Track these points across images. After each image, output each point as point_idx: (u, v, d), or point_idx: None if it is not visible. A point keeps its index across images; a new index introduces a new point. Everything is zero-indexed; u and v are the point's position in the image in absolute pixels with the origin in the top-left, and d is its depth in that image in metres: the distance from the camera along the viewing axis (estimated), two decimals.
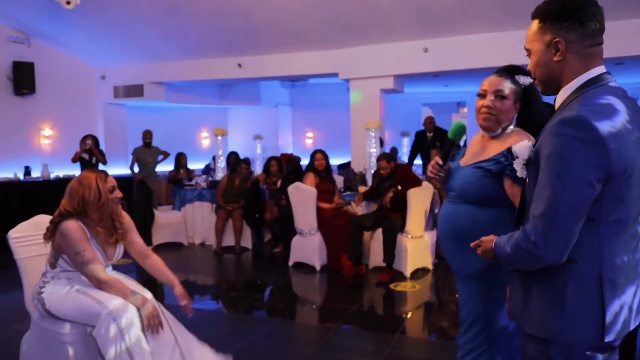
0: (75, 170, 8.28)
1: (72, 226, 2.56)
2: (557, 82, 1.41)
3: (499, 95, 1.98)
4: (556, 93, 1.44)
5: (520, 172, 1.62)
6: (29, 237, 2.91)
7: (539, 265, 1.35)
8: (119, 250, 2.81)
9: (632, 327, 1.37)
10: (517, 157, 1.64)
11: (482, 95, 2.03)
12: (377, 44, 7.97)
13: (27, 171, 8.65)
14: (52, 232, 2.62)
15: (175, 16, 7.69)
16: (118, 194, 2.71)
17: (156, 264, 2.92)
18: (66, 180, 8.55)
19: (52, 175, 8.80)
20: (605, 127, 1.25)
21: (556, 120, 1.30)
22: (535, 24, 1.42)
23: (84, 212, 2.61)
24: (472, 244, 1.61)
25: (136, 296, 2.57)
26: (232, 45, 8.52)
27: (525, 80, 2.03)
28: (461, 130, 2.03)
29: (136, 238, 2.89)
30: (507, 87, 1.99)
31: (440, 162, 2.07)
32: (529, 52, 1.46)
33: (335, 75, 8.48)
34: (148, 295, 2.68)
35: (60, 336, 2.65)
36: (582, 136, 1.24)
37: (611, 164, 1.24)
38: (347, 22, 7.41)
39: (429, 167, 2.10)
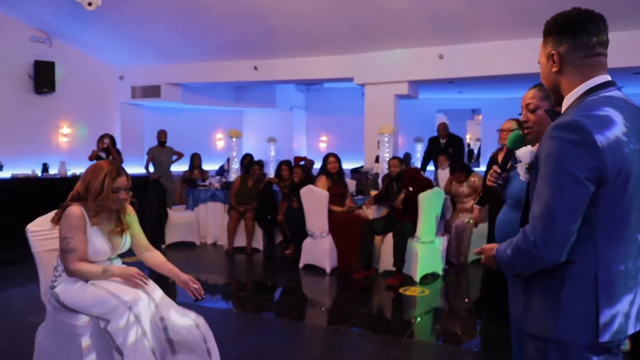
0: None
1: (73, 211, 2.64)
2: (560, 91, 1.50)
3: (529, 108, 2.01)
4: (561, 103, 1.51)
5: (524, 175, 1.66)
6: (46, 231, 2.99)
7: (539, 265, 1.39)
8: (126, 240, 2.86)
9: (630, 332, 1.40)
10: (521, 162, 1.68)
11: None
12: (392, 49, 8.01)
13: (45, 168, 8.82)
14: (59, 216, 2.71)
15: (193, 18, 7.80)
16: (122, 195, 2.73)
17: (158, 257, 2.99)
18: None
19: (69, 173, 8.96)
20: (599, 129, 1.31)
21: (552, 125, 1.37)
22: (542, 41, 1.53)
23: (86, 198, 2.69)
24: (474, 251, 1.67)
25: (108, 271, 2.66)
26: (249, 48, 8.62)
27: None
28: (519, 139, 2.03)
29: (138, 231, 2.96)
30: (534, 97, 2.01)
31: (499, 170, 2.10)
32: (540, 66, 1.57)
33: (351, 79, 8.53)
34: (153, 288, 2.75)
35: (74, 328, 2.72)
36: (576, 139, 1.30)
37: (604, 165, 1.30)
38: (363, 28, 7.46)
39: (489, 176, 2.13)
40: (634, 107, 1.43)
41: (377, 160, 7.95)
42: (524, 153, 1.64)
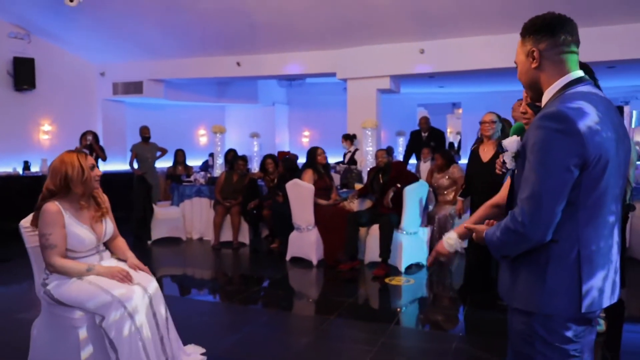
0: None
1: (49, 208, 2.67)
2: (539, 86, 1.63)
3: (528, 101, 2.12)
4: (540, 99, 1.64)
5: (510, 163, 1.76)
6: None
7: (526, 245, 1.51)
8: (107, 226, 2.91)
9: (604, 304, 1.54)
10: (507, 151, 1.77)
11: None
12: (374, 44, 8.11)
13: (26, 166, 8.74)
14: (36, 217, 2.74)
15: (176, 14, 7.80)
16: (97, 172, 2.82)
17: (119, 244, 3.05)
18: None
19: None
20: (581, 118, 1.43)
21: (539, 116, 1.49)
22: (519, 41, 1.66)
23: (66, 188, 2.71)
24: (465, 225, 1.83)
25: (93, 269, 2.71)
26: (231, 43, 8.64)
27: None
28: (521, 130, 2.11)
29: (110, 218, 3.00)
30: None
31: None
32: (517, 65, 1.69)
33: (333, 74, 8.62)
34: (148, 281, 2.83)
35: (71, 321, 2.76)
36: (561, 128, 1.42)
37: (586, 151, 1.42)
38: (345, 23, 7.55)
39: (497, 165, 2.15)
40: (605, 100, 1.56)
41: (348, 159, 8.10)
42: (511, 142, 1.74)
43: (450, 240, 1.97)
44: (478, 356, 3.34)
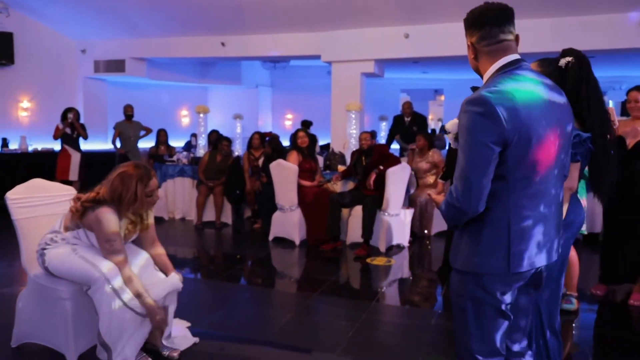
0: (55, 144, 8.27)
1: (108, 215, 2.66)
2: (480, 73, 1.80)
3: None
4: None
5: (454, 144, 1.91)
6: (25, 199, 3.03)
7: (464, 217, 1.68)
8: (136, 234, 2.96)
9: (538, 264, 1.71)
10: (449, 132, 1.93)
11: None
12: (360, 28, 8.13)
13: (5, 143, 8.62)
14: (82, 212, 2.71)
15: None
16: (156, 197, 2.82)
17: (159, 251, 3.07)
18: (45, 153, 8.61)
19: (30, 148, 8.77)
20: (500, 101, 1.58)
21: (465, 101, 1.64)
22: None
23: (118, 205, 2.72)
24: (432, 196, 2.00)
25: (145, 298, 2.69)
26: (216, 23, 8.57)
27: (563, 61, 2.24)
28: None
29: (151, 225, 3.02)
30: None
31: None
32: None
33: (318, 57, 8.63)
34: (174, 278, 2.94)
35: (58, 292, 2.79)
36: (482, 111, 1.58)
37: (505, 131, 1.57)
38: (331, 6, 7.55)
39: None
40: (535, 80, 1.69)
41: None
42: (452, 125, 1.89)
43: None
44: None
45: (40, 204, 3.09)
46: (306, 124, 9.13)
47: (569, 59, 2.23)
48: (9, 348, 2.99)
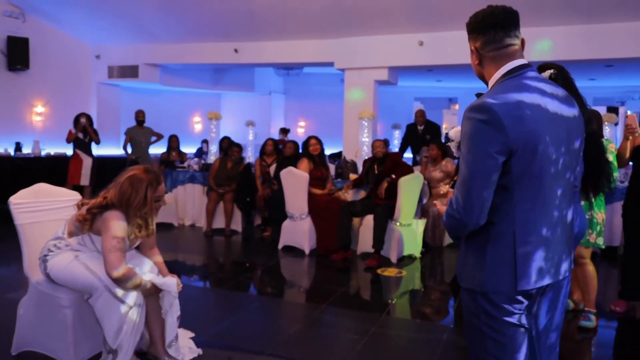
0: (67, 149, 8.29)
1: (117, 216, 2.62)
2: (485, 80, 1.72)
3: None
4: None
5: (456, 152, 1.85)
6: (29, 204, 2.98)
7: (464, 229, 1.59)
8: (139, 241, 2.90)
9: (545, 283, 1.60)
10: (452, 140, 1.86)
11: None
12: (373, 35, 8.07)
13: (18, 147, 8.66)
14: (91, 221, 2.66)
15: None
16: (163, 202, 2.81)
17: (156, 257, 3.01)
18: (57, 157, 8.63)
19: (43, 152, 8.81)
20: (504, 109, 1.50)
21: (467, 108, 1.56)
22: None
23: (126, 208, 2.67)
24: (435, 203, 1.97)
25: (147, 285, 2.67)
26: (230, 30, 8.56)
27: (547, 73, 2.16)
28: None
29: (152, 231, 2.96)
30: None
31: None
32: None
33: (331, 64, 8.57)
34: (171, 279, 2.82)
35: (59, 300, 2.74)
36: (485, 118, 1.50)
37: (509, 140, 1.49)
38: (345, 12, 7.49)
39: None
40: (543, 90, 1.59)
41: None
42: (455, 132, 1.83)
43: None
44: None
45: (45, 209, 3.04)
46: (284, 132, 9.13)
47: (551, 70, 2.16)
48: (9, 355, 2.93)
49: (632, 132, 3.56)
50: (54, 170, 7.96)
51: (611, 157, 3.42)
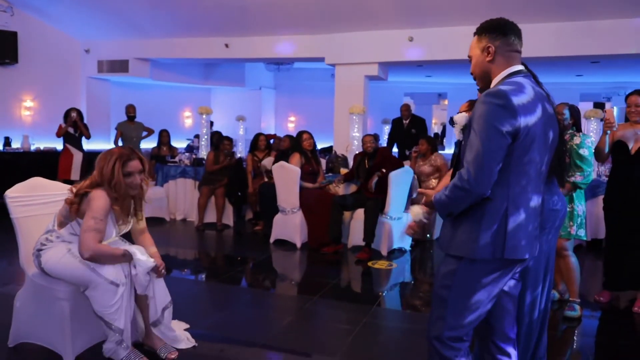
0: (57, 143, 8.26)
1: (101, 194, 2.65)
2: (489, 76, 1.97)
3: None
4: (489, 87, 1.94)
5: (458, 135, 2.07)
6: (25, 197, 3.01)
7: (470, 199, 1.81)
8: (128, 226, 2.95)
9: (524, 255, 1.85)
10: (457, 124, 2.07)
11: None
12: (364, 30, 8.11)
13: (7, 142, 8.61)
14: (78, 204, 2.69)
15: None
16: (136, 179, 2.74)
17: (146, 241, 3.03)
18: (47, 152, 8.60)
19: (33, 147, 8.77)
20: (516, 98, 1.77)
21: (484, 94, 1.83)
22: (475, 38, 2.00)
23: (102, 182, 2.69)
24: (419, 190, 2.27)
25: (128, 255, 2.71)
26: (220, 24, 8.56)
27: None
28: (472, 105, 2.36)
29: (141, 216, 3.00)
30: None
31: None
32: (470, 58, 2.03)
33: (322, 59, 8.60)
34: (147, 258, 2.82)
35: (55, 292, 2.77)
36: (500, 103, 1.76)
37: (518, 123, 1.76)
38: (335, 8, 7.53)
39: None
40: (536, 90, 1.88)
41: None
42: (460, 118, 2.05)
43: (414, 211, 2.18)
44: None
45: (40, 202, 3.06)
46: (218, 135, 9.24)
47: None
48: (6, 348, 2.96)
49: (610, 126, 3.68)
50: (44, 165, 7.92)
51: (587, 152, 3.51)
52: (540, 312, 2.55)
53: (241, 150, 9.70)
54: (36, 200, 3.04)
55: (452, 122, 2.12)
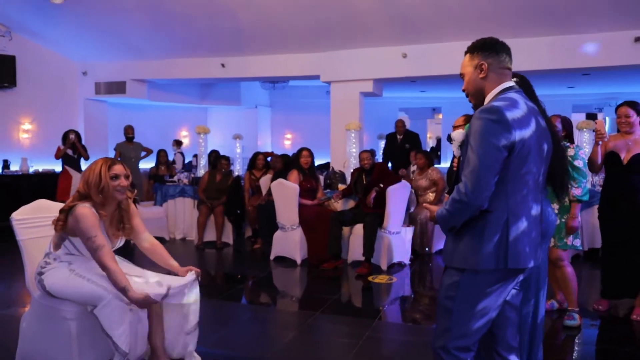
0: (56, 165, 8.31)
1: (85, 211, 2.66)
2: (483, 93, 2.05)
3: None
4: (481, 104, 2.02)
5: (456, 151, 2.15)
6: (30, 219, 3.04)
7: (469, 211, 1.86)
8: (121, 241, 2.96)
9: (527, 264, 1.90)
10: (454, 141, 2.13)
11: None
12: (358, 48, 8.24)
13: (6, 165, 8.65)
14: (64, 221, 2.72)
15: (160, 14, 7.82)
16: (122, 182, 2.78)
17: (159, 251, 3.13)
18: (46, 174, 8.64)
19: (31, 170, 8.81)
20: (510, 113, 1.85)
21: (478, 110, 1.92)
22: (467, 56, 2.07)
23: (89, 194, 2.72)
24: (424, 205, 2.26)
25: (129, 290, 2.63)
26: (216, 45, 8.68)
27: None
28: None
29: (140, 225, 3.05)
30: None
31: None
32: (463, 76, 2.10)
33: (317, 77, 8.71)
34: (153, 279, 2.86)
35: (62, 312, 2.78)
36: (494, 118, 1.84)
37: (513, 137, 1.83)
38: (329, 26, 7.66)
39: (453, 164, 2.48)
40: (528, 104, 1.96)
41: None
42: (457, 134, 2.11)
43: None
44: None
45: (45, 224, 3.08)
46: (177, 144, 10.00)
47: (515, 79, 2.38)
48: None
49: (601, 137, 3.77)
50: (43, 187, 7.97)
51: (581, 164, 3.59)
52: (535, 322, 2.55)
53: (239, 169, 9.75)
54: (41, 222, 3.08)
55: (449, 139, 2.19)
